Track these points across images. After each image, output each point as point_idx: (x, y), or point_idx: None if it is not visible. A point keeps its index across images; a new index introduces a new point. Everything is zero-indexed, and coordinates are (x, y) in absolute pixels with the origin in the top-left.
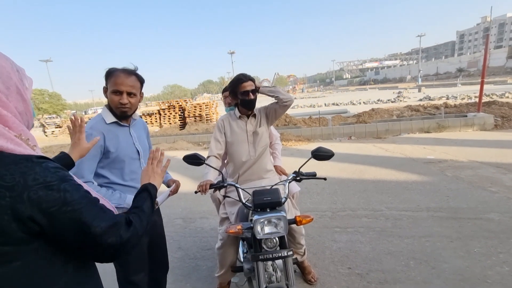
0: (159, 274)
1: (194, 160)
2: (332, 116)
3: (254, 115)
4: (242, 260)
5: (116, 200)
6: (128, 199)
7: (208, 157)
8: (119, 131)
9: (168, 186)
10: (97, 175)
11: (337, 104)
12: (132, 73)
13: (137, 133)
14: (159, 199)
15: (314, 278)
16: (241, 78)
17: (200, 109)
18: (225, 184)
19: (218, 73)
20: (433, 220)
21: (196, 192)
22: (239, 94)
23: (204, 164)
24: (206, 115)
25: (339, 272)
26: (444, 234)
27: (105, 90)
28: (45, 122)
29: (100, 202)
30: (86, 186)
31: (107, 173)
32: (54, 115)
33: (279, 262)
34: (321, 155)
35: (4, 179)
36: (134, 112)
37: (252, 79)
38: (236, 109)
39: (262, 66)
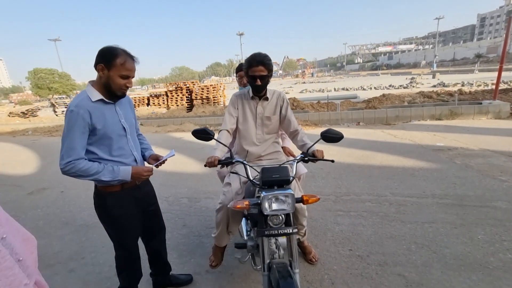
0: (158, 237)
1: (203, 134)
2: (341, 101)
3: (266, 98)
4: (245, 237)
5: (109, 174)
6: (122, 171)
7: (220, 130)
8: (105, 108)
9: (149, 163)
10: (86, 151)
11: (347, 89)
12: (134, 58)
13: (123, 110)
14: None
15: (315, 258)
16: (252, 62)
17: (208, 91)
18: (233, 161)
19: (227, 56)
20: (437, 207)
21: (205, 165)
22: (248, 76)
23: (214, 140)
24: (213, 97)
25: (339, 254)
26: (448, 220)
27: (102, 68)
28: (56, 102)
29: None
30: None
31: (95, 150)
32: (64, 95)
33: (282, 240)
34: (330, 136)
35: None
36: None
37: (266, 63)
38: (251, 89)
39: (271, 48)
